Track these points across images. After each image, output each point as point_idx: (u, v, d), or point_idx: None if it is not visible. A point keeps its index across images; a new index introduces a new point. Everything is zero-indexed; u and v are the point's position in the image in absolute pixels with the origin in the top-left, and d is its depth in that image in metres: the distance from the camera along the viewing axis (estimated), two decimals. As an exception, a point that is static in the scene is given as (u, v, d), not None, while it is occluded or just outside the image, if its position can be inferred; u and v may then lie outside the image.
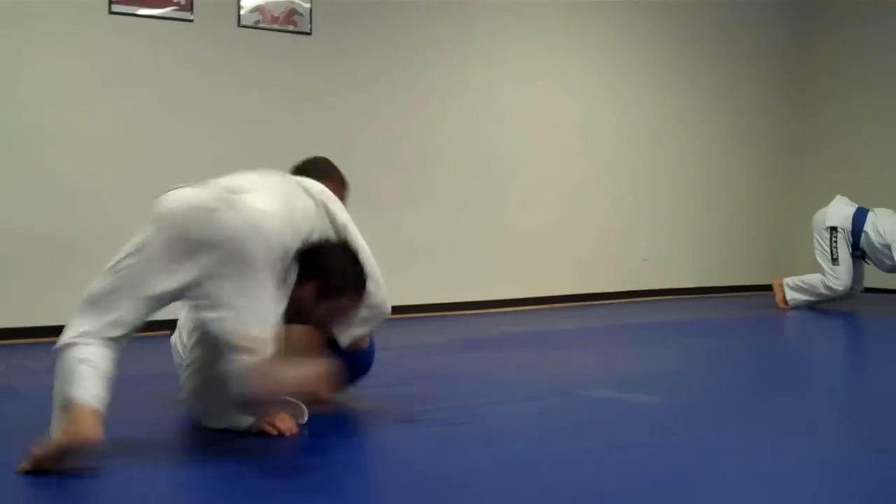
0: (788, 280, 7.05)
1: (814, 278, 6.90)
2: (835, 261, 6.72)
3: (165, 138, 5.66)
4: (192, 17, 5.69)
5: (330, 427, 2.96)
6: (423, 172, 6.65)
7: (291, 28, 6.05)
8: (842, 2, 8.64)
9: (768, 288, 7.45)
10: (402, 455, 2.75)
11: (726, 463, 2.64)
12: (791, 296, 6.98)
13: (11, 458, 2.56)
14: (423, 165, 6.67)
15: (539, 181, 7.27)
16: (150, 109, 5.61)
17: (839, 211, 6.80)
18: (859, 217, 6.70)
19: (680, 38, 8.04)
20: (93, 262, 5.38)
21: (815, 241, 6.90)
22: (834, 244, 6.72)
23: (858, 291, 6.96)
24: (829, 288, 6.77)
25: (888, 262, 6.62)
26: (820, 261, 6.84)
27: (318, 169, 3.53)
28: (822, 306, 6.94)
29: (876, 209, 6.73)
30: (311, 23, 6.12)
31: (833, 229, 6.74)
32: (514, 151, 7.13)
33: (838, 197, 6.95)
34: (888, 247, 6.53)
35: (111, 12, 5.45)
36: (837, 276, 6.72)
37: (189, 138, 5.74)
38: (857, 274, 6.82)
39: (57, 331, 5.12)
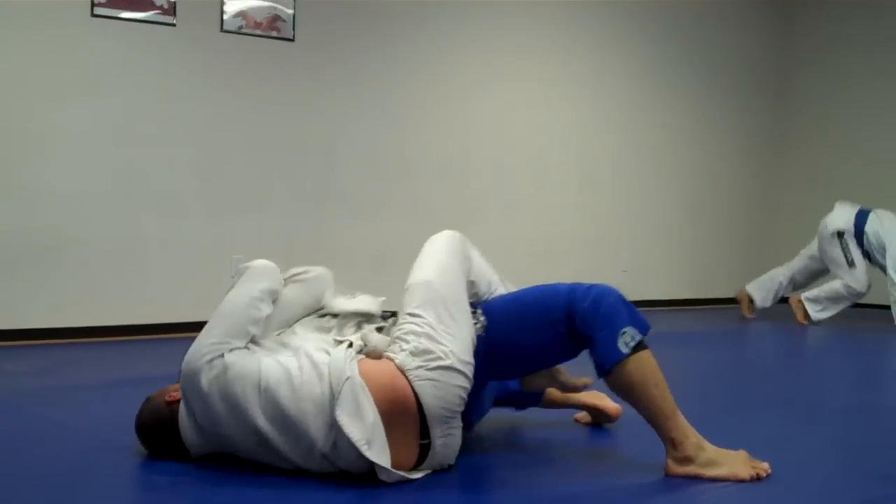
0: (808, 294, 6.92)
1: (834, 286, 6.80)
2: (850, 264, 6.68)
3: (147, 142, 5.63)
4: (174, 22, 5.67)
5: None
6: (402, 179, 6.65)
7: (274, 34, 6.04)
8: (820, 3, 8.73)
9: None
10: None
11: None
12: (815, 310, 6.84)
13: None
14: (402, 172, 6.66)
15: (518, 191, 7.28)
16: (132, 113, 5.58)
17: (840, 214, 6.78)
18: (860, 218, 6.70)
19: (661, 47, 8.07)
20: (73, 266, 5.39)
21: (824, 251, 6.85)
22: (845, 248, 6.69)
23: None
24: (850, 291, 6.70)
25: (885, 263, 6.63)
26: (836, 270, 6.78)
27: None
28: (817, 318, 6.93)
29: (877, 210, 6.73)
30: (293, 29, 6.11)
31: (839, 234, 6.72)
32: (494, 160, 7.13)
33: (838, 202, 6.92)
34: (884, 248, 6.56)
35: (93, 15, 5.42)
36: (857, 279, 6.67)
37: (171, 142, 5.71)
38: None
39: (35, 334, 5.10)
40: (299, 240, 6.19)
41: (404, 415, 2.39)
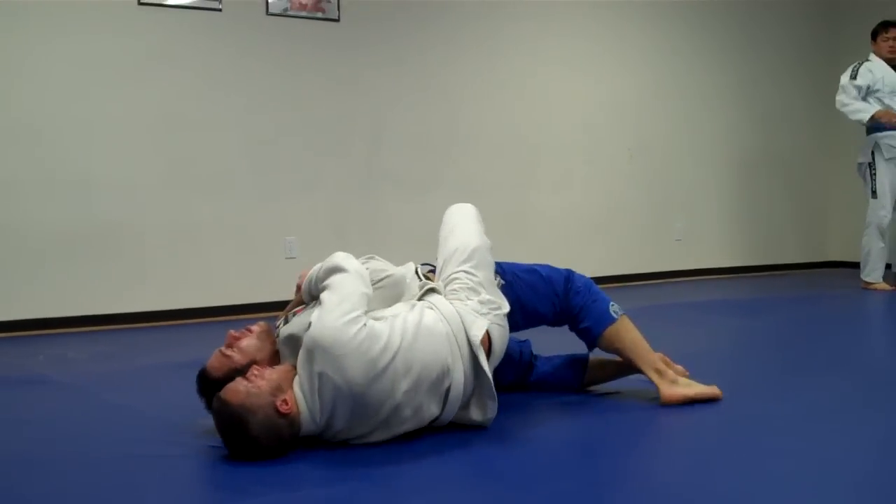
0: (862, 275, 6.86)
1: (863, 246, 6.80)
2: (873, 194, 6.73)
3: (196, 127, 5.69)
4: (220, 7, 5.71)
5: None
6: (451, 156, 6.65)
7: (319, 15, 6.05)
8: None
9: (805, 266, 7.33)
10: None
11: (761, 441, 2.61)
12: (872, 276, 6.78)
13: (52, 447, 2.58)
14: (451, 149, 6.66)
15: (569, 163, 7.24)
16: (181, 99, 5.64)
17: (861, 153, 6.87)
18: (868, 143, 6.78)
19: (711, 15, 7.96)
20: (128, 253, 5.46)
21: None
22: (872, 175, 6.74)
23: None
24: (875, 227, 6.72)
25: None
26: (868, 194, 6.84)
27: None
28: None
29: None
30: (338, 9, 6.12)
31: (861, 164, 6.80)
32: (543, 134, 7.10)
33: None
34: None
35: (140, 3, 5.48)
36: (874, 209, 6.71)
37: (220, 127, 5.76)
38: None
39: (95, 320, 5.16)
40: (350, 220, 6.22)
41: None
